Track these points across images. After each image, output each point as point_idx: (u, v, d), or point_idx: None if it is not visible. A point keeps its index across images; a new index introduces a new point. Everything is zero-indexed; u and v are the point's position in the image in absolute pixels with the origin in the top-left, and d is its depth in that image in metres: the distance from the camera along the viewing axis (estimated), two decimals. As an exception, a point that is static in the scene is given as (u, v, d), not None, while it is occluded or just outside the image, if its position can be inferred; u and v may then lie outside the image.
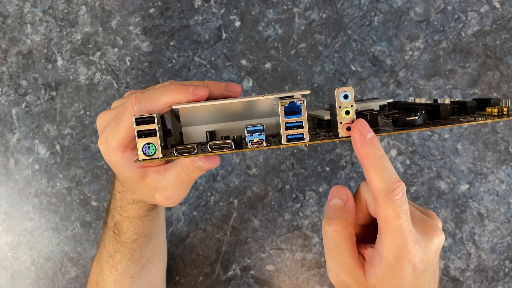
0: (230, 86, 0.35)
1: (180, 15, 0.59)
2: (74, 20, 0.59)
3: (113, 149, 0.34)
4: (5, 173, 0.58)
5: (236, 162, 0.59)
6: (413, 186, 0.59)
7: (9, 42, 0.59)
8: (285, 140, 0.29)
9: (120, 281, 0.44)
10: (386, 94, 0.59)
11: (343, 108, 0.29)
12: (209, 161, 0.33)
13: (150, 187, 0.36)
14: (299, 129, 0.29)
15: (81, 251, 0.58)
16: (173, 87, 0.32)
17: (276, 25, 0.59)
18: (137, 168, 0.35)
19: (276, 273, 0.58)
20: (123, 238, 0.41)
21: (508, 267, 0.58)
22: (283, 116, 0.29)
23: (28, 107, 0.58)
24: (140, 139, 0.29)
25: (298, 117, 0.29)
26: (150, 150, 0.29)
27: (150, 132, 0.29)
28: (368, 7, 0.59)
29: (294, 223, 0.59)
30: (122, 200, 0.40)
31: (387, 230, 0.29)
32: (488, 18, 0.59)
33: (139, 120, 0.29)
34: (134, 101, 0.32)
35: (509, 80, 0.59)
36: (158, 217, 0.45)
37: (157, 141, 0.29)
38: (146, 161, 0.29)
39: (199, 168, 0.34)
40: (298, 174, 0.59)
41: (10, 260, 0.58)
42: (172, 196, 0.36)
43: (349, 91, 0.29)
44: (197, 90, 0.32)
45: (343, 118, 0.29)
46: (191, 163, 0.33)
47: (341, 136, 0.30)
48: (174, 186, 0.35)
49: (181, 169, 0.34)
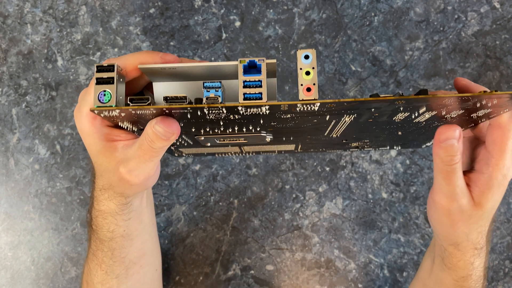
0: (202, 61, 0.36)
1: (180, 15, 0.59)
2: (74, 20, 0.59)
3: (84, 116, 0.34)
4: (5, 173, 0.58)
5: (236, 162, 0.59)
6: (413, 186, 0.59)
7: (9, 42, 0.59)
8: (241, 99, 0.28)
9: (106, 281, 0.43)
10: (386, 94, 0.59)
11: (304, 69, 0.29)
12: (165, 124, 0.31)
13: (116, 160, 0.35)
14: (257, 88, 0.29)
15: (81, 251, 0.58)
16: (144, 51, 0.34)
17: (276, 25, 0.59)
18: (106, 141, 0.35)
19: (276, 273, 0.58)
20: (100, 235, 0.41)
21: (508, 267, 0.58)
22: (241, 74, 0.29)
23: (28, 107, 0.58)
24: (98, 86, 0.30)
25: (257, 76, 0.29)
26: (105, 97, 0.29)
27: (108, 80, 0.30)
28: (368, 7, 0.59)
29: (294, 223, 0.59)
30: (95, 190, 0.39)
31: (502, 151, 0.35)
32: (488, 18, 0.59)
33: (99, 68, 0.30)
34: (106, 61, 0.33)
35: (509, 80, 0.59)
36: (139, 218, 0.43)
37: (113, 89, 0.29)
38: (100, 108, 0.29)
39: (159, 136, 0.32)
40: (298, 174, 0.59)
41: (10, 260, 0.58)
42: (135, 169, 0.35)
43: (311, 52, 0.29)
44: (166, 56, 0.33)
45: (303, 80, 0.28)
46: (150, 129, 0.32)
47: (301, 98, 0.28)
48: (137, 157, 0.34)
49: (143, 139, 0.33)
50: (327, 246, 0.58)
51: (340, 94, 0.59)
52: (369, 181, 0.59)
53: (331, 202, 0.59)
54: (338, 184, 0.59)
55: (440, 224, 0.39)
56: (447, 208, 0.37)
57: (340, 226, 0.59)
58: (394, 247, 0.58)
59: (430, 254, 0.46)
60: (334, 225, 0.59)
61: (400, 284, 0.58)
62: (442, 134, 0.34)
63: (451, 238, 0.39)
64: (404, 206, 0.59)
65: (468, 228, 0.38)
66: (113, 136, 0.36)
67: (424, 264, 0.48)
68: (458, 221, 0.37)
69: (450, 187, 0.36)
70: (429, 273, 0.46)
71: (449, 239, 0.39)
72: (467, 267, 0.40)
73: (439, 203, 0.37)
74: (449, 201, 0.37)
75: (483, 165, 0.37)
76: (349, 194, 0.59)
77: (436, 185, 0.37)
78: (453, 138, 0.34)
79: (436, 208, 0.38)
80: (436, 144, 0.35)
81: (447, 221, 0.38)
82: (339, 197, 0.59)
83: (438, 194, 0.37)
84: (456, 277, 0.41)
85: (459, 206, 0.37)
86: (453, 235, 0.39)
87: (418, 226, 0.58)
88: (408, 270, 0.58)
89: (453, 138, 0.34)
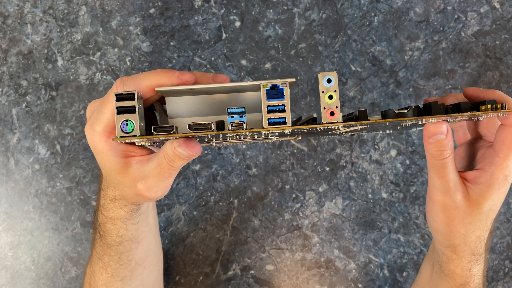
0: (218, 77, 0.35)
1: (180, 15, 0.59)
2: (74, 20, 0.59)
3: (97, 134, 0.34)
4: (5, 173, 0.58)
5: (236, 162, 0.59)
6: (413, 186, 0.59)
7: (9, 42, 0.59)
8: (266, 124, 0.28)
9: (111, 283, 0.43)
10: (386, 94, 0.59)
11: (327, 92, 0.29)
12: (188, 148, 0.32)
13: (132, 177, 0.35)
14: (281, 113, 0.29)
15: (81, 251, 0.58)
16: (158, 71, 0.32)
17: (276, 25, 0.59)
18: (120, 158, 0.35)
19: (276, 273, 0.58)
20: (108, 240, 0.41)
21: (508, 267, 0.58)
22: (265, 99, 0.29)
23: (28, 107, 0.58)
24: (119, 115, 0.29)
25: (281, 100, 0.29)
26: (128, 127, 0.29)
27: (129, 109, 0.29)
28: (368, 7, 0.59)
29: (294, 223, 0.59)
30: (105, 198, 0.39)
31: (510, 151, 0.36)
32: (488, 18, 0.59)
33: (119, 97, 0.29)
34: (119, 83, 0.32)
35: (509, 80, 0.59)
36: (145, 221, 0.43)
37: (136, 118, 0.29)
38: (124, 138, 0.29)
39: (180, 156, 0.33)
40: (298, 174, 0.59)
41: (10, 260, 0.58)
42: (153, 186, 0.35)
43: (333, 76, 0.29)
44: (183, 75, 0.32)
45: (326, 103, 0.29)
46: (172, 150, 0.32)
47: (324, 121, 0.29)
48: (156, 175, 0.34)
49: (162, 157, 0.33)
50: (327, 246, 0.58)
51: (340, 94, 0.59)
52: (369, 181, 0.59)
53: (331, 202, 0.59)
54: (338, 184, 0.59)
55: (437, 223, 0.39)
56: (442, 202, 0.37)
57: (340, 226, 0.59)
58: (394, 247, 0.58)
59: (429, 261, 0.46)
60: (334, 225, 0.59)
61: (400, 284, 0.58)
62: (429, 131, 0.35)
63: (448, 238, 0.39)
64: (404, 206, 0.59)
65: (465, 228, 0.38)
66: (128, 152, 0.35)
67: (423, 270, 0.48)
68: (454, 218, 0.38)
69: (443, 181, 0.37)
70: (428, 280, 0.46)
71: (447, 240, 0.39)
72: (465, 274, 0.40)
73: (434, 198, 0.38)
74: (443, 195, 0.37)
75: (486, 163, 0.37)
76: (349, 194, 0.59)
77: (430, 181, 0.38)
78: (440, 133, 0.35)
79: (432, 204, 0.38)
80: (425, 140, 0.36)
81: (443, 217, 0.38)
82: (339, 197, 0.59)
83: (433, 189, 0.38)
84: (454, 285, 0.40)
85: (453, 200, 0.37)
86: (450, 235, 0.39)
87: (418, 226, 0.58)
88: (408, 270, 0.58)
89: (440, 133, 0.35)
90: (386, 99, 0.59)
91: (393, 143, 0.59)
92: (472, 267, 0.39)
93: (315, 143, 0.59)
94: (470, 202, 0.37)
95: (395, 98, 0.59)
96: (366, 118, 0.30)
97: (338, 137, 0.59)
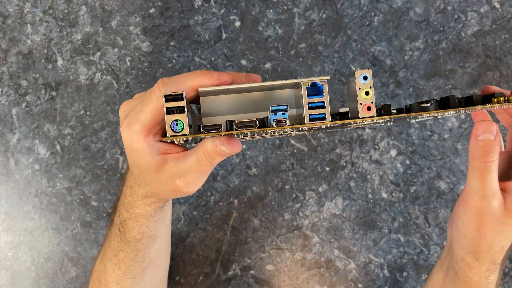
0: (251, 76, 0.36)
1: (180, 15, 0.59)
2: (74, 20, 0.59)
3: (136, 133, 0.35)
4: (5, 173, 0.58)
5: (236, 162, 0.59)
6: (413, 186, 0.59)
7: (9, 42, 0.59)
8: (307, 120, 0.30)
9: (122, 281, 0.44)
10: (386, 94, 0.59)
11: (363, 89, 0.30)
12: (231, 146, 0.33)
13: (169, 173, 0.36)
14: (321, 109, 0.30)
15: (81, 251, 0.58)
16: (198, 72, 0.33)
17: (276, 25, 0.59)
18: (157, 155, 0.36)
19: (276, 273, 0.58)
20: (127, 236, 0.41)
21: (508, 267, 0.58)
22: (305, 96, 0.30)
23: (28, 107, 0.58)
24: (169, 116, 0.30)
25: (320, 97, 0.30)
26: (178, 126, 0.30)
27: (179, 109, 0.30)
28: (368, 7, 0.59)
29: (294, 223, 0.59)
30: (132, 196, 0.40)
31: None
32: (488, 18, 0.59)
33: (168, 97, 0.30)
34: (161, 84, 0.33)
35: (509, 80, 0.59)
36: (164, 218, 0.44)
37: (185, 118, 0.30)
38: (174, 137, 0.30)
39: (221, 153, 0.34)
40: (298, 174, 0.59)
41: (10, 260, 0.58)
42: (192, 182, 0.36)
43: (368, 73, 0.30)
44: (221, 75, 0.33)
45: (363, 99, 0.30)
46: (213, 148, 0.33)
47: (362, 116, 0.30)
48: (194, 172, 0.35)
49: (202, 154, 0.34)
50: (327, 246, 0.58)
51: (340, 94, 0.59)
52: (369, 181, 0.59)
53: (331, 202, 0.59)
54: (338, 184, 0.59)
55: (467, 227, 0.39)
56: (477, 208, 0.37)
57: (340, 226, 0.59)
58: (394, 247, 0.58)
59: (441, 266, 0.46)
60: (334, 225, 0.59)
61: (400, 284, 0.58)
62: (479, 129, 0.35)
63: (474, 245, 0.39)
64: (404, 206, 0.59)
65: (493, 237, 0.38)
66: (164, 150, 0.36)
67: (435, 276, 0.48)
68: (486, 225, 0.37)
69: (483, 186, 0.36)
70: (440, 286, 0.45)
71: (472, 246, 0.39)
72: (481, 282, 0.40)
73: (470, 202, 0.37)
74: (481, 201, 0.37)
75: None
76: (349, 194, 0.59)
77: (469, 184, 0.37)
78: (489, 133, 0.35)
79: (465, 208, 0.38)
80: (472, 139, 0.35)
81: (475, 222, 0.38)
82: (339, 197, 0.59)
83: (470, 193, 0.37)
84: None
85: (490, 207, 0.36)
86: (477, 242, 0.38)
87: (418, 226, 0.58)
88: (408, 270, 0.58)
89: (490, 132, 0.34)
90: (386, 99, 0.59)
91: (393, 143, 0.59)
92: (489, 275, 0.39)
93: (315, 143, 0.59)
94: (506, 212, 0.37)
95: (395, 98, 0.59)
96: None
97: (339, 137, 0.59)
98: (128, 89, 0.59)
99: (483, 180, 0.36)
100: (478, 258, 0.39)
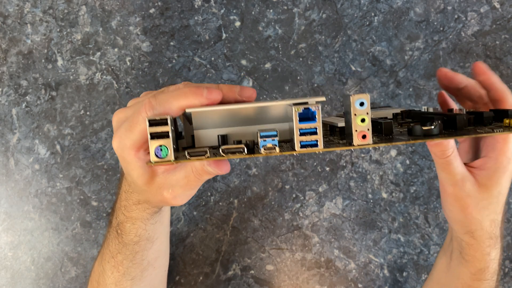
0: (245, 91, 0.35)
1: (180, 15, 0.59)
2: (74, 20, 0.59)
3: (127, 148, 0.34)
4: (5, 173, 0.58)
5: (236, 162, 0.59)
6: (413, 186, 0.59)
7: (9, 42, 0.59)
8: (298, 147, 0.29)
9: (121, 282, 0.44)
10: (386, 94, 0.59)
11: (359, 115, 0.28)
12: (218, 168, 0.33)
13: (158, 185, 0.36)
14: (313, 136, 0.29)
15: (81, 251, 0.58)
16: (186, 91, 0.32)
17: (276, 25, 0.59)
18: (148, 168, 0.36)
19: (276, 273, 0.58)
20: (125, 239, 0.41)
21: (508, 267, 0.58)
22: (297, 122, 0.29)
23: (28, 107, 0.58)
24: (153, 141, 0.29)
25: (313, 123, 0.29)
26: (162, 152, 0.29)
27: (163, 135, 0.29)
28: (368, 7, 0.59)
29: (294, 223, 0.59)
30: (127, 200, 0.40)
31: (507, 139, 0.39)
32: (488, 18, 0.59)
33: (152, 122, 0.29)
34: (148, 107, 0.32)
35: (509, 80, 0.59)
36: (161, 221, 0.44)
37: (170, 143, 0.29)
38: (158, 163, 0.29)
39: (208, 173, 0.34)
40: (298, 174, 0.59)
41: (10, 260, 0.58)
42: (180, 195, 0.37)
43: (365, 98, 0.28)
44: (211, 94, 0.32)
45: (358, 126, 0.28)
46: (201, 166, 0.34)
47: (356, 144, 0.29)
48: (182, 186, 0.36)
49: (190, 171, 0.34)
50: (327, 246, 0.58)
51: (340, 94, 0.59)
52: (369, 181, 0.59)
53: (331, 202, 0.59)
54: (338, 184, 0.59)
55: (452, 212, 0.41)
56: (454, 194, 0.40)
57: (340, 226, 0.59)
58: (394, 247, 0.58)
59: (445, 253, 0.48)
60: (334, 225, 0.59)
61: (400, 284, 0.58)
62: None
63: (465, 225, 0.41)
64: (404, 206, 0.59)
65: (480, 214, 0.40)
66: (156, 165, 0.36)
67: (439, 263, 0.49)
68: (468, 206, 0.40)
69: (450, 176, 0.39)
70: (445, 271, 0.47)
71: (464, 227, 0.41)
72: (484, 259, 0.42)
73: (446, 191, 0.40)
74: (453, 187, 0.39)
75: (489, 150, 0.40)
76: (349, 194, 0.59)
77: (439, 176, 0.41)
78: None
79: (445, 196, 0.41)
80: (428, 143, 0.38)
81: (458, 206, 0.40)
82: (339, 197, 0.59)
83: (443, 183, 0.40)
84: (474, 270, 0.42)
85: (463, 190, 0.39)
86: (466, 222, 0.41)
87: (418, 226, 0.58)
88: (408, 270, 0.58)
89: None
90: (386, 99, 0.59)
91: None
92: (491, 251, 0.42)
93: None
94: (480, 188, 0.39)
95: (395, 98, 0.59)
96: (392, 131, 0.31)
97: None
98: (128, 89, 0.59)
99: (449, 171, 0.39)
100: (474, 237, 0.41)
